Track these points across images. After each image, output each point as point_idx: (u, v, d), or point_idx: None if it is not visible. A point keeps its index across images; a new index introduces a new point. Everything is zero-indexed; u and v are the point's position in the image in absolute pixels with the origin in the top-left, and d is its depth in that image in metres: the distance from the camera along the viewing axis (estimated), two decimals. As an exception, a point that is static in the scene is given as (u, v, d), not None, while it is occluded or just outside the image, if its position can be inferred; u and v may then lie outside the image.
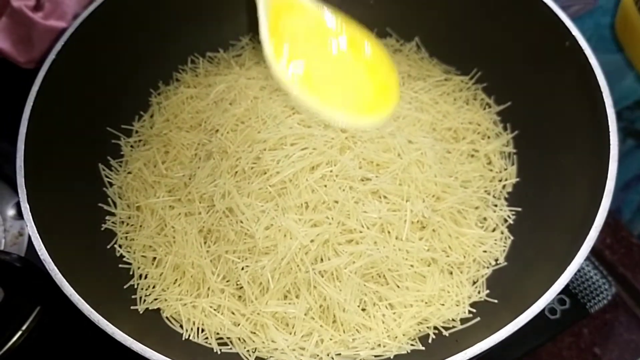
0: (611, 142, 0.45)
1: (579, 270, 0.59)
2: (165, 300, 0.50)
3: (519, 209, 0.55)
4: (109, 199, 0.56)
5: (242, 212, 0.50)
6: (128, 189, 0.57)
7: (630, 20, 0.71)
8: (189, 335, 0.48)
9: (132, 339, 0.40)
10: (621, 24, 0.74)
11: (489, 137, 0.60)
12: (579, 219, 0.45)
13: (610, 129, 0.46)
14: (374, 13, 0.67)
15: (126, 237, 0.54)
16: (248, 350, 0.48)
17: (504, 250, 0.53)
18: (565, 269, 0.41)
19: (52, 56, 0.52)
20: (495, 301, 0.49)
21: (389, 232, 0.50)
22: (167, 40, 0.64)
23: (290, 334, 0.48)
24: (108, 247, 0.53)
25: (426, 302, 0.49)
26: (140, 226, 0.55)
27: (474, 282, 0.51)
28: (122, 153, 0.60)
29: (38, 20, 0.60)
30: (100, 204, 0.55)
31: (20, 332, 0.48)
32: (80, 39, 0.55)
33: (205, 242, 0.52)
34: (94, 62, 0.57)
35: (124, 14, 0.59)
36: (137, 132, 0.62)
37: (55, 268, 0.43)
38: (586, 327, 0.62)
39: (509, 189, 0.57)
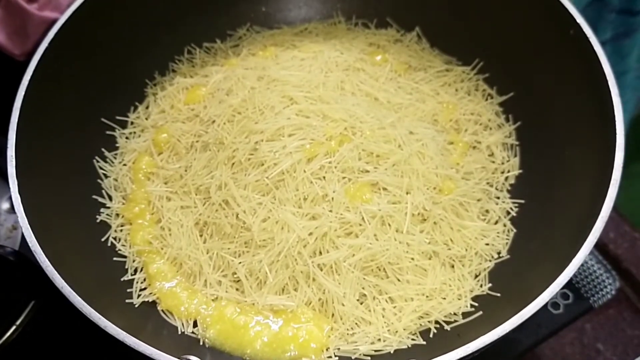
0: (617, 131, 0.44)
1: (582, 265, 0.58)
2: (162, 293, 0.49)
3: (522, 201, 0.54)
4: (104, 191, 0.55)
5: (239, 204, 0.49)
6: (123, 181, 0.56)
7: None
8: (185, 329, 0.48)
9: (125, 333, 0.39)
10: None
11: (490, 129, 0.59)
12: (584, 210, 0.44)
13: (616, 118, 0.45)
14: (374, 3, 0.67)
15: (121, 230, 0.53)
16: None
17: (506, 243, 0.52)
18: (570, 261, 0.40)
19: (44, 45, 0.51)
20: (498, 295, 0.48)
21: (389, 225, 0.49)
22: (164, 30, 0.63)
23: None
24: (103, 239, 0.52)
25: (427, 296, 0.48)
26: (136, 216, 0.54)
27: (476, 276, 0.50)
28: (117, 145, 0.59)
29: (33, 12, 0.59)
30: (94, 196, 0.55)
31: (14, 327, 0.47)
32: (74, 29, 0.54)
33: (201, 235, 0.51)
34: (88, 52, 0.56)
35: (119, 2, 0.58)
36: (132, 123, 0.61)
37: (47, 260, 0.42)
38: (589, 322, 0.61)
39: (512, 181, 0.56)
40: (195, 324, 0.48)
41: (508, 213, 0.54)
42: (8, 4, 0.59)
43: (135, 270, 0.51)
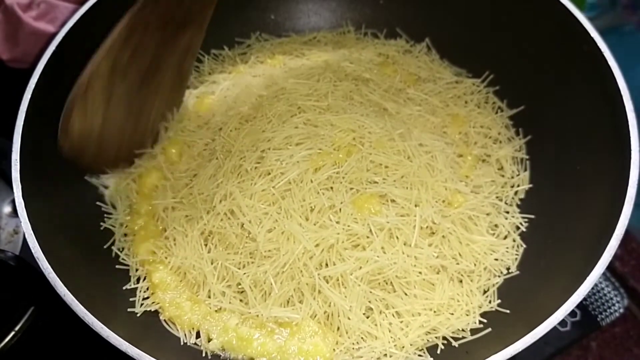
0: (632, 147, 0.43)
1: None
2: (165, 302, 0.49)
3: (532, 217, 0.53)
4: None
5: (244, 214, 0.48)
6: (127, 189, 0.56)
7: None
8: (188, 340, 0.47)
9: (127, 343, 0.39)
10: None
11: (500, 142, 0.58)
12: (597, 227, 0.43)
13: (630, 134, 0.44)
14: (384, 13, 0.67)
15: (124, 240, 0.53)
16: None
17: (516, 259, 0.51)
18: (584, 279, 0.39)
19: (51, 49, 0.51)
20: (507, 311, 0.47)
21: (397, 238, 0.48)
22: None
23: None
24: (105, 247, 0.52)
25: (435, 311, 0.47)
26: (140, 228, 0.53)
27: (485, 291, 0.49)
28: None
29: (27, 21, 0.59)
30: (98, 203, 0.54)
31: (13, 333, 0.47)
32: (80, 33, 0.53)
33: (205, 245, 0.50)
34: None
35: (126, 9, 0.57)
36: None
37: (49, 267, 0.41)
38: (595, 340, 0.60)
39: (521, 196, 0.55)
40: (198, 335, 0.47)
41: (518, 228, 0.53)
42: (6, 9, 0.59)
43: (138, 279, 0.50)
